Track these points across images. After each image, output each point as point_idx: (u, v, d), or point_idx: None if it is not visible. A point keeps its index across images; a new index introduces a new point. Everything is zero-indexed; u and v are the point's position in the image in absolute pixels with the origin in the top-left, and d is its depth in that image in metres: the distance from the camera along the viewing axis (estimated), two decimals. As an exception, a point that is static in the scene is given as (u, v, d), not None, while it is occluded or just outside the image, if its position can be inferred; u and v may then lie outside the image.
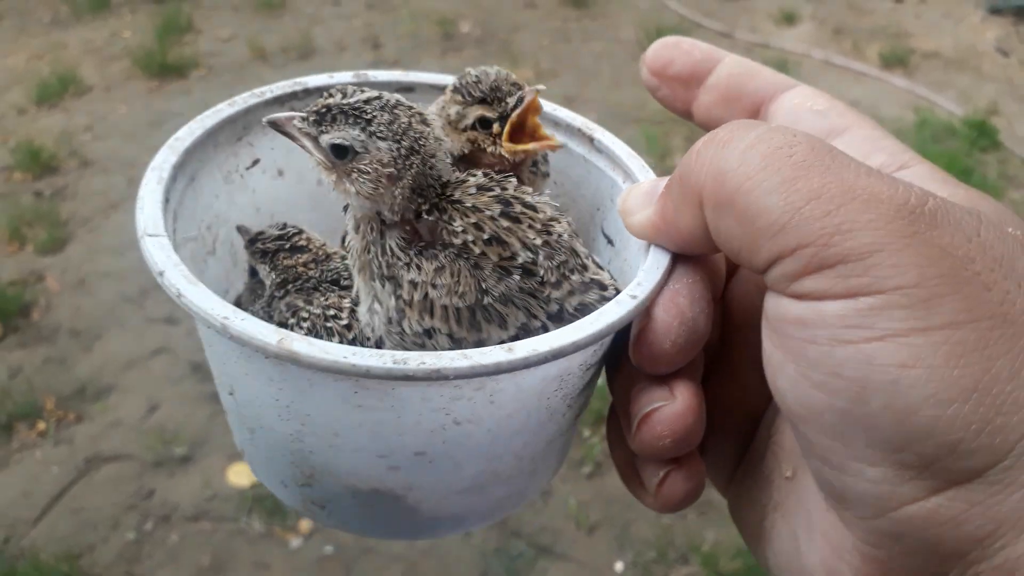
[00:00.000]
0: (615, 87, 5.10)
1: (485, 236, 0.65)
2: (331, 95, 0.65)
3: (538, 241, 0.66)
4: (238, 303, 0.83)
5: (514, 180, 0.70)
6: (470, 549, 2.69)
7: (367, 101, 0.65)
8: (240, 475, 2.86)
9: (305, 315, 0.75)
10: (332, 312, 0.75)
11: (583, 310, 0.65)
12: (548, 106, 0.78)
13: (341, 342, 0.72)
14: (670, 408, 0.59)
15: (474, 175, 0.69)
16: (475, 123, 0.75)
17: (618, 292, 0.61)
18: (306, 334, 0.71)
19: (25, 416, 3.06)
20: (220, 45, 5.60)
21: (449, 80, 0.79)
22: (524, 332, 0.64)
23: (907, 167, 0.58)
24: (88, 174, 4.35)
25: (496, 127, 0.75)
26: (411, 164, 0.65)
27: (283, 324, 0.75)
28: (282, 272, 0.79)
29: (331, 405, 0.57)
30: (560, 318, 0.65)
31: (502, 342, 0.58)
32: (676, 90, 0.69)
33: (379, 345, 0.70)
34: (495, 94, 0.74)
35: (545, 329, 0.63)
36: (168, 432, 3.01)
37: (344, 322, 0.74)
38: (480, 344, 0.63)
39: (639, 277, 0.60)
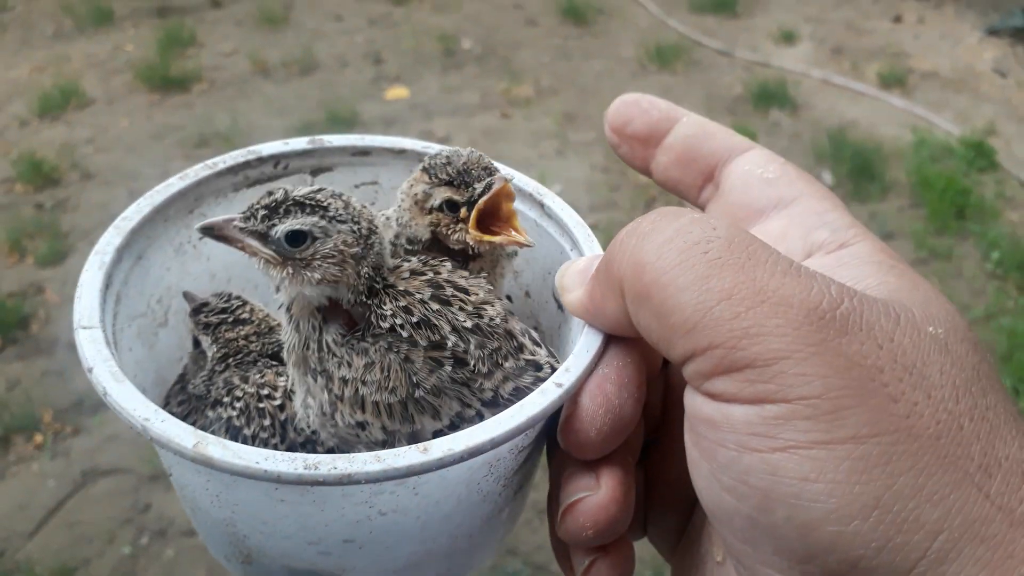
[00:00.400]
0: (615, 104, 5.11)
1: (414, 319, 0.65)
2: (271, 193, 0.64)
3: (468, 324, 0.66)
4: (184, 374, 0.83)
5: (448, 264, 0.70)
6: (466, 567, 2.68)
7: (316, 191, 0.65)
8: (237, 490, 2.86)
9: (239, 394, 0.75)
10: (266, 391, 0.75)
11: (518, 394, 0.65)
12: (505, 170, 0.77)
13: (272, 423, 0.73)
14: (593, 500, 0.58)
15: (408, 260, 0.70)
16: (442, 205, 0.73)
17: (554, 371, 0.61)
18: (238, 415, 0.74)
19: (22, 429, 3.06)
20: (222, 59, 5.63)
21: (406, 144, 0.80)
22: (459, 420, 0.64)
23: (847, 245, 0.57)
24: (89, 187, 4.36)
25: (464, 211, 0.73)
26: (371, 243, 0.66)
27: (218, 401, 0.76)
28: (223, 345, 0.79)
29: (255, 499, 0.59)
30: (495, 404, 0.65)
31: (437, 432, 0.59)
32: (635, 148, 0.69)
33: (314, 434, 0.71)
34: (463, 178, 0.72)
35: (480, 417, 0.63)
36: (165, 446, 3.00)
37: (277, 402, 0.75)
38: (414, 435, 0.64)
39: (568, 361, 0.59)
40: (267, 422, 0.73)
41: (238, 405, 0.74)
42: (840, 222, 0.58)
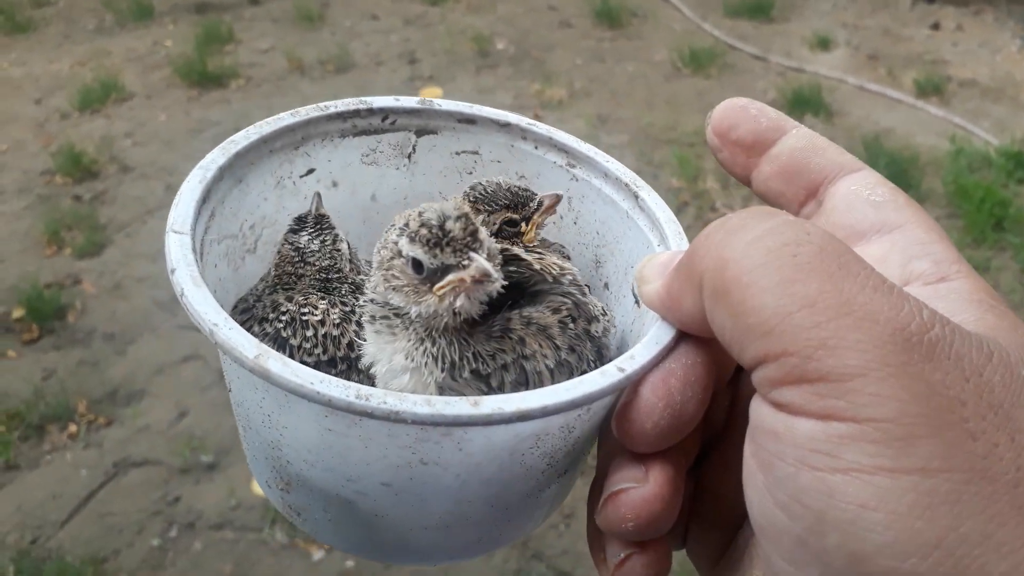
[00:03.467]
0: (648, 108, 5.10)
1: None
2: (450, 219, 0.64)
3: (582, 281, 0.72)
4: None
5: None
6: (491, 570, 2.69)
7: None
8: (265, 485, 2.89)
9: (284, 310, 0.78)
10: (307, 309, 0.78)
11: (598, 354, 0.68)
12: (601, 156, 0.79)
13: (315, 335, 0.76)
14: (638, 492, 0.56)
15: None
16: (501, 227, 0.78)
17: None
18: (285, 327, 0.76)
19: (57, 418, 3.12)
20: (259, 56, 5.69)
21: (511, 118, 0.80)
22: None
23: (947, 280, 0.54)
24: (127, 180, 4.43)
25: (523, 226, 0.79)
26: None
27: (264, 318, 0.78)
28: (280, 275, 0.82)
29: (304, 423, 0.59)
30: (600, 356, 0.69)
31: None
32: (737, 155, 0.65)
33: (351, 348, 0.75)
34: (516, 200, 0.78)
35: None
36: (195, 439, 3.05)
37: (318, 317, 0.77)
38: None
39: (635, 349, 0.58)
40: (310, 333, 0.76)
41: (284, 319, 0.77)
42: (944, 255, 0.56)
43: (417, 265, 0.64)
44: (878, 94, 5.35)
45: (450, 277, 0.63)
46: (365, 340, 0.72)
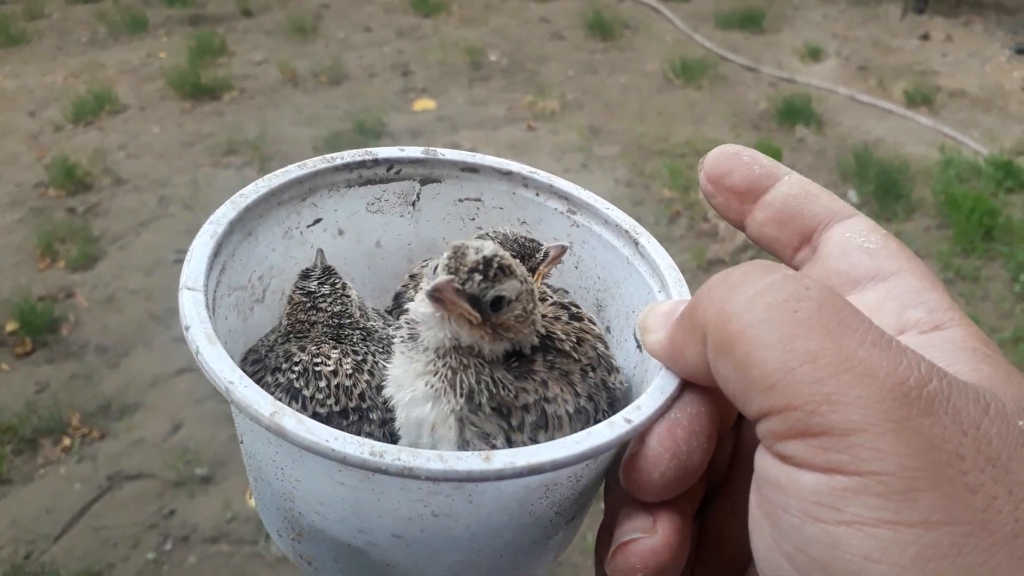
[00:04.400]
0: (640, 119, 5.13)
1: (574, 340, 0.70)
2: (466, 252, 0.65)
3: (597, 330, 0.73)
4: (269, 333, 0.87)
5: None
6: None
7: (498, 252, 0.66)
8: (259, 497, 2.89)
9: (297, 360, 0.78)
10: (320, 359, 0.79)
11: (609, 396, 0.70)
12: (601, 203, 0.80)
13: (328, 385, 0.76)
14: (648, 543, 0.57)
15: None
16: None
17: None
18: (298, 377, 0.77)
19: (50, 432, 3.11)
20: (252, 68, 5.70)
21: (512, 166, 0.83)
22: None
23: (941, 328, 0.55)
24: (120, 192, 4.43)
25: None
26: (534, 293, 0.68)
27: (277, 368, 0.79)
28: (293, 323, 0.83)
29: (317, 477, 0.60)
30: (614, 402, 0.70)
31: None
32: (731, 201, 0.67)
33: (363, 399, 0.76)
34: (524, 250, 0.79)
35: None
36: (190, 452, 3.05)
37: (330, 368, 0.78)
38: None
39: (640, 400, 0.59)
40: (323, 384, 0.77)
41: (297, 369, 0.78)
42: (938, 303, 0.57)
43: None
44: (868, 104, 5.40)
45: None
46: (387, 372, 0.73)
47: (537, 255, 0.79)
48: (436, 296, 0.64)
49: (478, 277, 0.64)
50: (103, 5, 6.55)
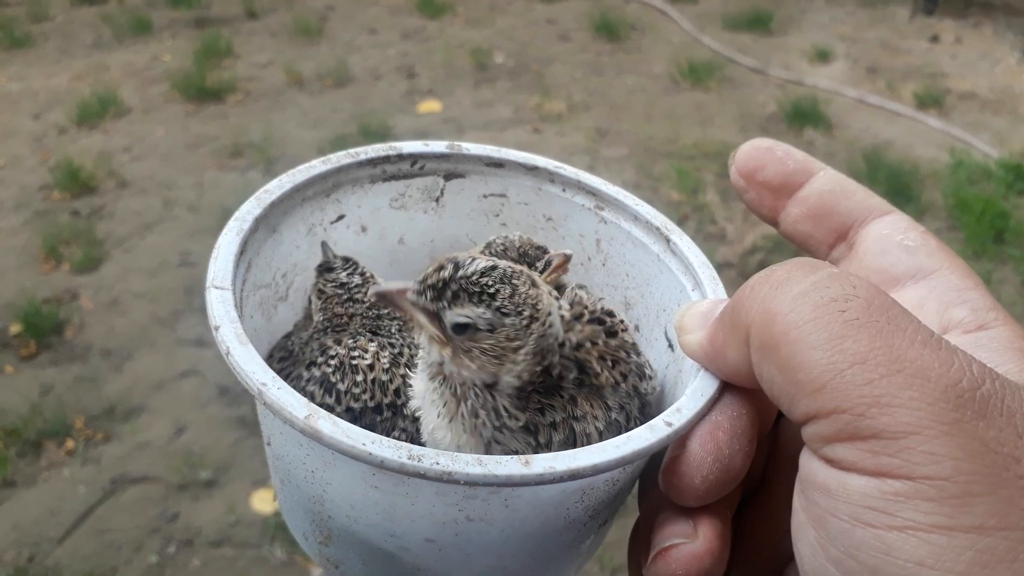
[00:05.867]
0: (647, 121, 5.11)
1: (608, 363, 0.68)
2: (442, 267, 0.63)
3: (630, 339, 0.70)
4: (292, 331, 0.86)
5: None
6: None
7: (484, 273, 0.63)
8: (264, 502, 2.87)
9: (333, 353, 0.78)
10: (357, 353, 0.78)
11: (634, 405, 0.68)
12: (631, 199, 0.78)
13: (364, 379, 0.76)
14: (689, 548, 0.56)
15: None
16: None
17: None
18: (333, 371, 0.76)
19: (54, 434, 3.09)
20: (257, 70, 5.69)
21: (538, 161, 0.81)
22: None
23: (987, 328, 0.55)
24: (125, 195, 4.42)
25: None
26: (531, 332, 0.63)
27: (313, 362, 0.78)
28: (329, 317, 0.82)
29: (350, 480, 0.59)
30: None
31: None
32: (764, 196, 0.65)
33: (398, 396, 0.73)
34: (524, 260, 0.76)
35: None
36: (194, 455, 3.02)
37: (368, 362, 0.77)
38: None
39: (680, 402, 0.58)
40: (359, 378, 0.76)
41: (332, 363, 0.77)
42: (981, 302, 0.56)
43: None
44: (877, 107, 5.37)
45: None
46: (412, 385, 0.72)
47: (538, 265, 0.77)
48: (380, 294, 0.64)
49: (430, 294, 0.63)
50: (107, 7, 6.55)
